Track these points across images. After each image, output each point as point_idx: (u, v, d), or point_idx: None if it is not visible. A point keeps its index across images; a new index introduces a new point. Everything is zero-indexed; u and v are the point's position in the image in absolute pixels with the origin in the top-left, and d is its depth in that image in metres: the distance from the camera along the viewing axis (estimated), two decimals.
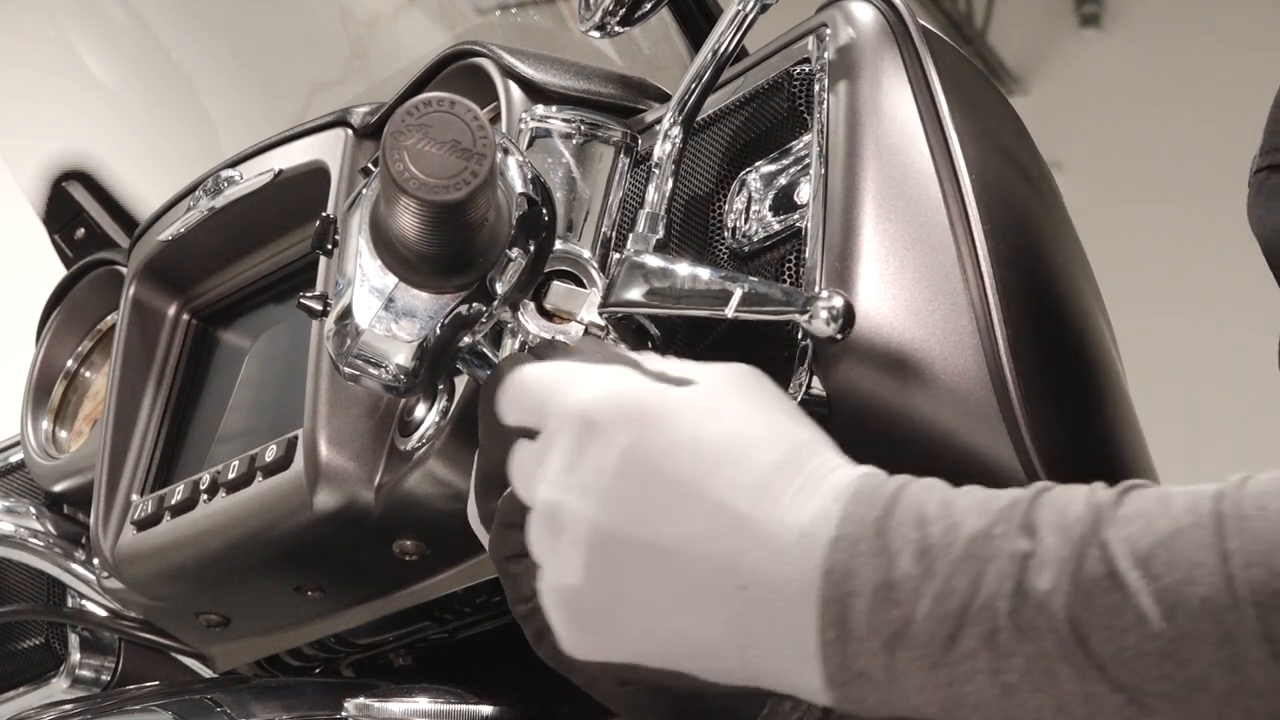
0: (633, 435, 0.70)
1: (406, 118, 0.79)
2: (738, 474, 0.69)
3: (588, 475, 0.70)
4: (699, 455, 0.70)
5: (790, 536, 0.67)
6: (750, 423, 0.71)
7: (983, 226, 0.93)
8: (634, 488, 0.70)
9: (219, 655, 1.28)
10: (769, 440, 0.71)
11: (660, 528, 0.69)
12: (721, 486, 0.69)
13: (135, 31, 1.67)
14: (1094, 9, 6.60)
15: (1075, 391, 1.00)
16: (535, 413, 0.75)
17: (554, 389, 0.74)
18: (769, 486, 0.69)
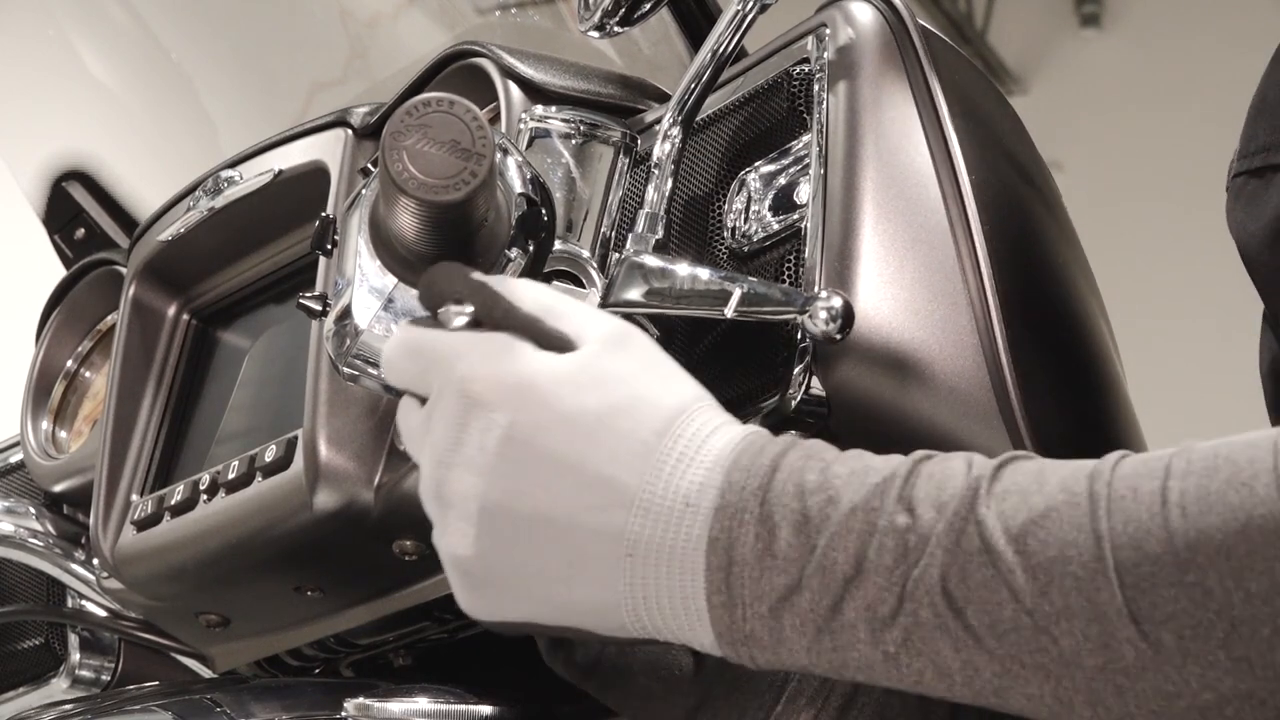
0: (514, 412, 0.72)
1: (406, 118, 0.79)
2: (619, 445, 0.71)
3: (472, 452, 0.72)
4: (580, 429, 0.71)
5: (675, 505, 0.70)
6: (630, 390, 0.73)
7: (983, 227, 0.93)
8: (518, 464, 0.72)
9: (219, 655, 1.28)
10: (649, 407, 0.72)
11: (546, 502, 0.71)
12: (604, 459, 0.71)
13: (135, 31, 1.67)
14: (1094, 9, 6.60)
15: (1074, 391, 1.00)
16: (420, 380, 0.77)
17: (438, 360, 0.75)
18: (650, 455, 0.71)
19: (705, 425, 0.72)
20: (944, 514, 0.66)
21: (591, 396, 0.72)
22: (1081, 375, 1.01)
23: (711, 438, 0.72)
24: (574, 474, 0.71)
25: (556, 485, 0.71)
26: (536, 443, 0.72)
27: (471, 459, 0.72)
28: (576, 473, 0.71)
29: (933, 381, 0.89)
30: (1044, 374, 0.95)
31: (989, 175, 0.95)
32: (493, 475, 0.72)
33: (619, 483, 0.71)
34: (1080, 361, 1.01)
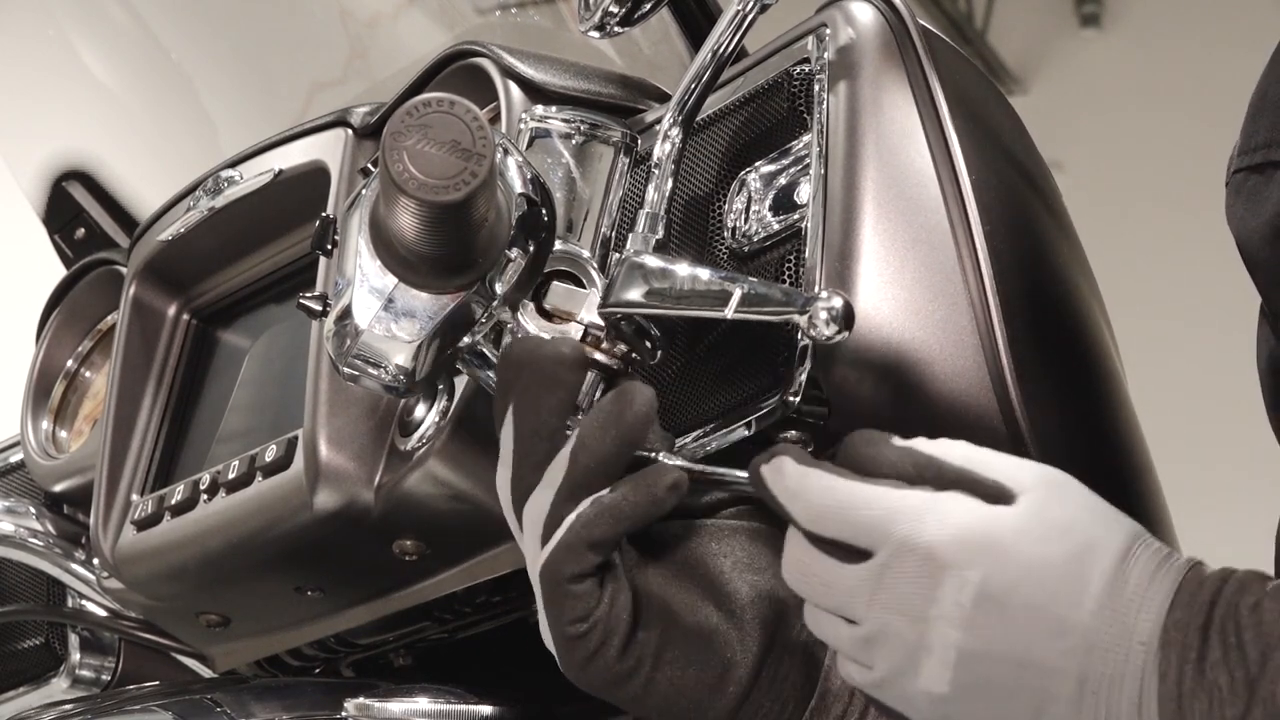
0: (984, 569, 0.77)
1: (406, 118, 0.79)
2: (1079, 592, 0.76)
3: (948, 608, 0.77)
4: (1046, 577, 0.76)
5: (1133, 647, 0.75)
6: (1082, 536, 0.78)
7: (983, 226, 0.93)
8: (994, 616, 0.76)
9: (219, 655, 1.28)
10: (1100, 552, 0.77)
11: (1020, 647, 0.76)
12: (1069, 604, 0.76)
13: (135, 31, 1.67)
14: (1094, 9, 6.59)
15: (1075, 391, 1.00)
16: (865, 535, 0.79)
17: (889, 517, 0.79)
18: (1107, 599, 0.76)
19: (1150, 561, 0.77)
20: None
21: (1051, 546, 0.77)
22: (1081, 375, 1.01)
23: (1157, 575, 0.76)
24: (1046, 620, 0.76)
25: (1029, 632, 0.76)
26: (1009, 594, 0.76)
27: (949, 615, 0.77)
28: (1048, 619, 0.76)
29: (933, 381, 0.89)
30: (1044, 374, 0.95)
31: (989, 175, 0.95)
32: (970, 628, 0.76)
33: (1085, 626, 0.76)
34: (1080, 361, 1.01)
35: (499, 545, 1.07)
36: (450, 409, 1.05)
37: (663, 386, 0.97)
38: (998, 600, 0.76)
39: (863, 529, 0.79)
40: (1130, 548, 0.78)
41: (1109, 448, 1.03)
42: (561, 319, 0.89)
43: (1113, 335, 1.08)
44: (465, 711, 1.04)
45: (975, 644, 0.77)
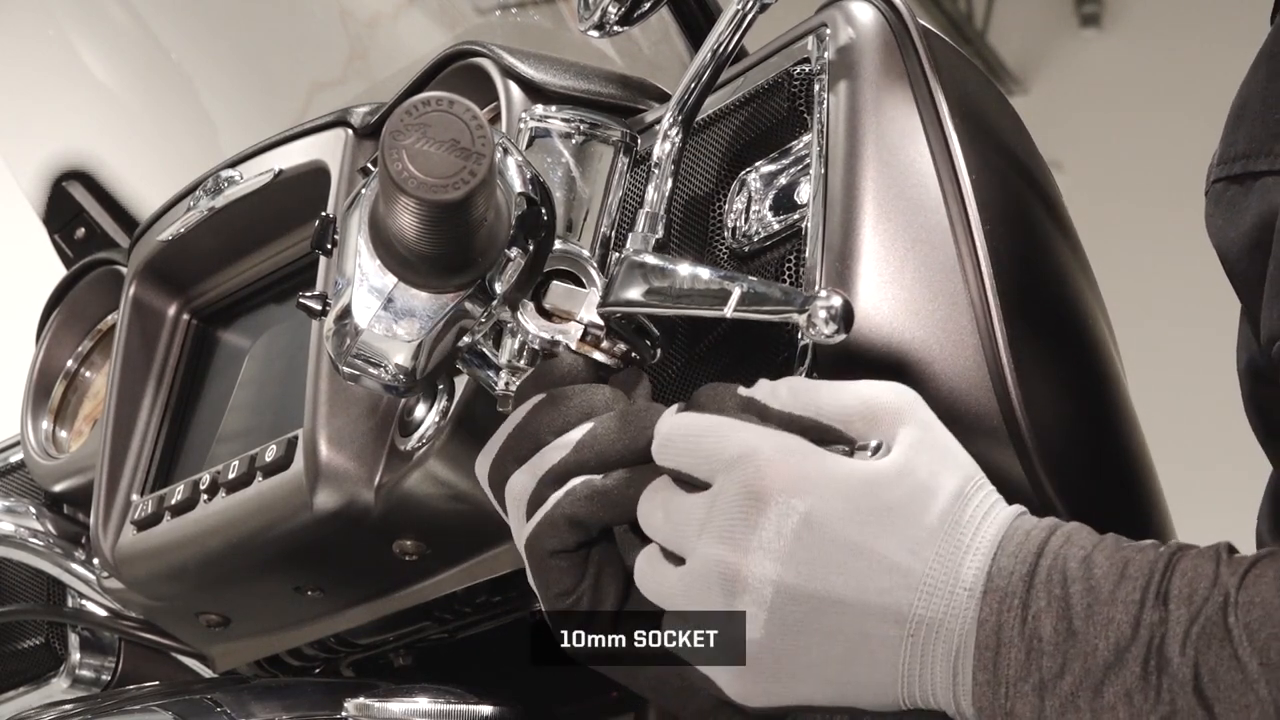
0: (810, 501, 0.76)
1: (405, 117, 0.79)
2: (906, 533, 0.75)
3: (768, 537, 0.76)
4: (870, 517, 0.76)
5: (957, 591, 0.74)
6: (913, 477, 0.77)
7: (983, 226, 0.92)
8: (813, 550, 0.75)
9: (219, 655, 1.28)
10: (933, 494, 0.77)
11: (838, 585, 0.75)
12: (892, 545, 0.75)
13: (135, 31, 1.67)
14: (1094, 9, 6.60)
15: (1075, 391, 1.00)
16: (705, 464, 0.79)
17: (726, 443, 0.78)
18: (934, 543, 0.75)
19: (979, 509, 0.77)
20: (1196, 617, 0.71)
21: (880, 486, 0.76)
22: (1082, 375, 1.01)
23: (985, 522, 0.76)
24: (866, 559, 0.75)
25: (849, 570, 0.75)
26: (832, 530, 0.75)
27: (769, 543, 0.76)
28: (868, 558, 0.75)
29: (933, 381, 0.89)
30: (1044, 374, 0.94)
31: (989, 175, 0.95)
32: (789, 560, 0.75)
33: (906, 567, 0.75)
34: (1080, 361, 1.01)
35: (499, 545, 1.07)
36: (450, 409, 1.05)
37: (663, 386, 0.97)
38: (820, 534, 0.75)
39: (702, 457, 0.79)
40: (964, 490, 0.77)
41: (1109, 448, 1.03)
42: (561, 318, 0.89)
43: (1113, 335, 1.08)
44: (465, 711, 1.04)
45: (792, 579, 0.75)
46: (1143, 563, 0.73)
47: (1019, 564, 0.74)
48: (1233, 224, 0.86)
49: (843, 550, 0.75)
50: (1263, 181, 0.84)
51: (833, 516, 0.75)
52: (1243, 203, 0.85)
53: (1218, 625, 0.70)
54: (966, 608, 0.74)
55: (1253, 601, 0.70)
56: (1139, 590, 0.72)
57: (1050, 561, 0.74)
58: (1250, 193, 0.85)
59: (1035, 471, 0.92)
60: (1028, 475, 0.92)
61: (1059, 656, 0.72)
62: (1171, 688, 0.70)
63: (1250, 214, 0.85)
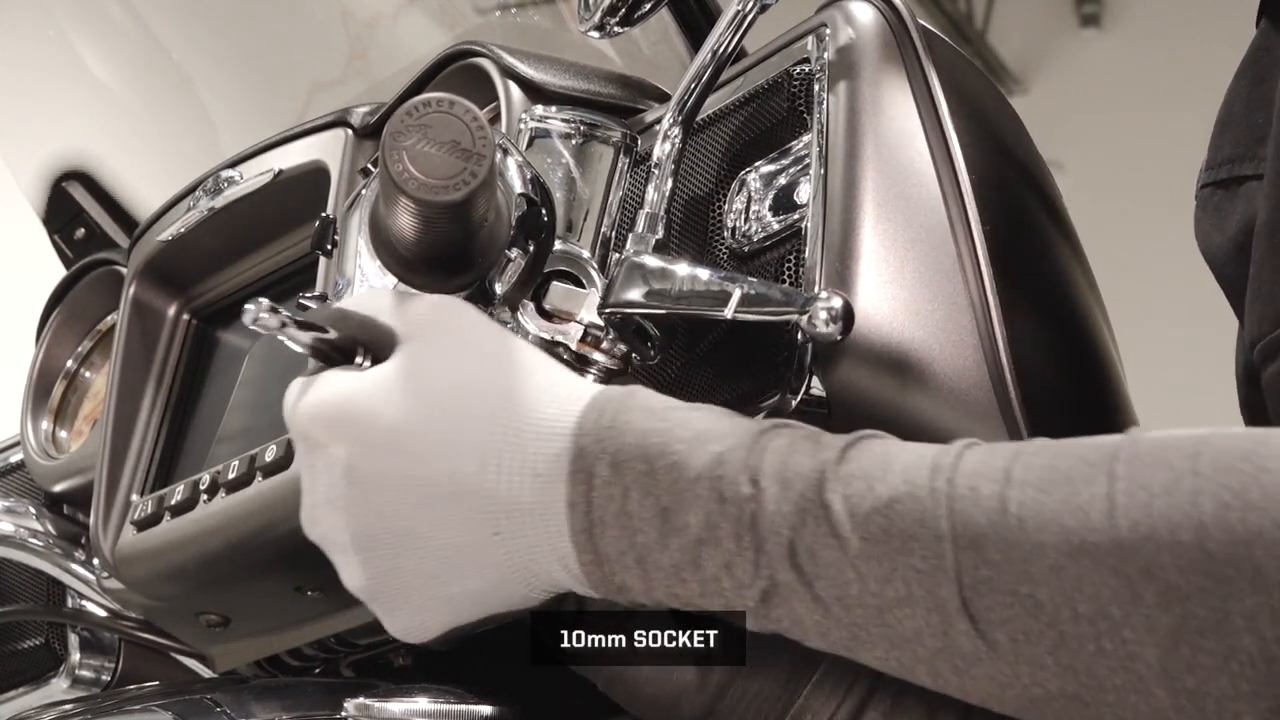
0: (347, 443, 0.76)
1: (406, 118, 0.79)
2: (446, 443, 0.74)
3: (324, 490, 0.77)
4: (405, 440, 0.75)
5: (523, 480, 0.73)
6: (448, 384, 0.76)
7: (983, 226, 0.93)
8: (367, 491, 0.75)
9: (219, 655, 1.28)
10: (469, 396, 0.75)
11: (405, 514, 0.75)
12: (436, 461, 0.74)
13: (135, 31, 1.67)
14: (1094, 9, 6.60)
15: (1075, 391, 1.00)
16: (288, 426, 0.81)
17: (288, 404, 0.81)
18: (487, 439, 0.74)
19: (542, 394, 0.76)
20: (790, 491, 0.70)
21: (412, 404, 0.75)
22: (1082, 375, 1.01)
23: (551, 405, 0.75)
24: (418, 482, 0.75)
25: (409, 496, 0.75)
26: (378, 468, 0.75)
27: (328, 499, 0.77)
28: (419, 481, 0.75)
29: (933, 381, 0.89)
30: (1044, 374, 0.95)
31: (989, 175, 0.95)
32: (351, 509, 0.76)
33: (464, 474, 0.74)
34: (1081, 361, 1.01)
35: None
36: None
37: (663, 386, 0.97)
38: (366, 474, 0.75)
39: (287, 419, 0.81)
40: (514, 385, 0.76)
41: None
42: (561, 319, 0.89)
43: (1113, 335, 1.08)
44: (465, 711, 1.03)
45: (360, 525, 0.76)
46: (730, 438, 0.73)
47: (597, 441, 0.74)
48: (1219, 229, 0.87)
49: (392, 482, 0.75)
50: (1247, 186, 0.85)
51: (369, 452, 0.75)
52: (1228, 208, 0.86)
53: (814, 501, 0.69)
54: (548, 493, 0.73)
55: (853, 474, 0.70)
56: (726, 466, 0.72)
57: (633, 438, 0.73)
58: (1236, 198, 0.85)
59: None
60: None
61: (652, 531, 0.72)
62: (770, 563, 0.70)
63: (1235, 219, 0.85)
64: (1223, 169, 0.87)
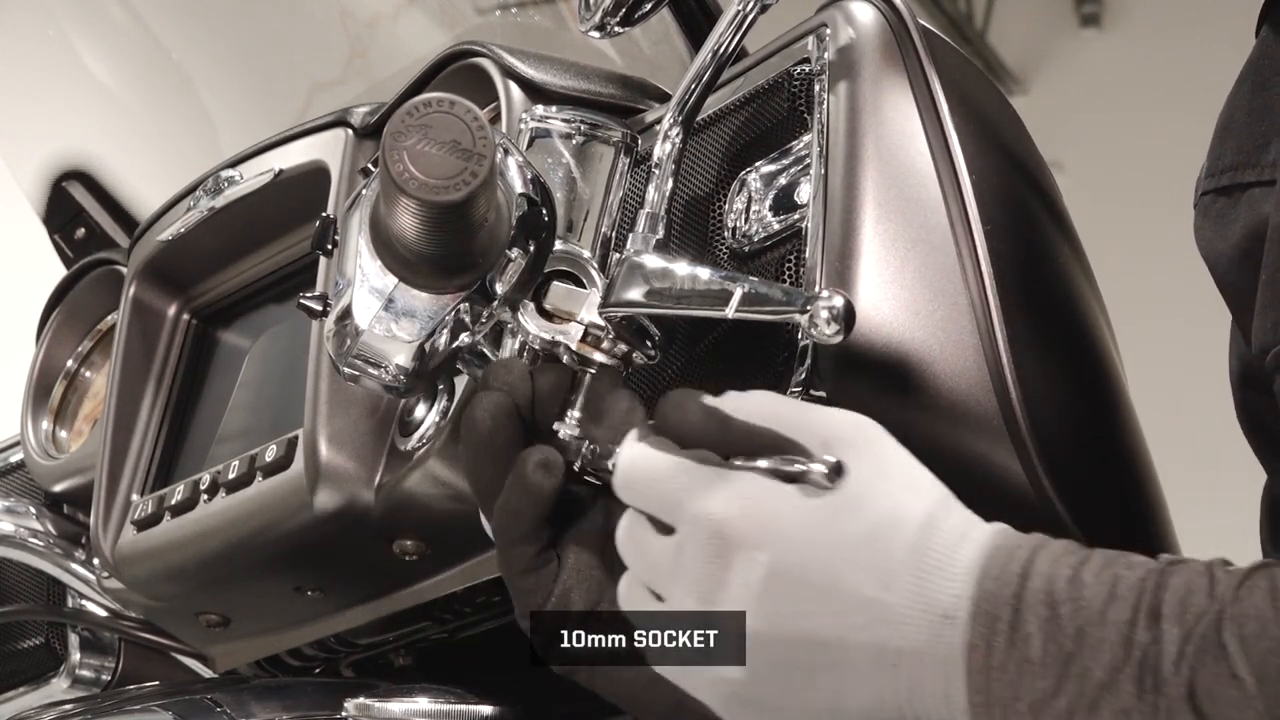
0: (772, 551, 0.76)
1: (406, 118, 0.79)
2: (875, 567, 0.75)
3: (735, 591, 0.76)
4: (836, 559, 0.75)
5: (933, 620, 0.74)
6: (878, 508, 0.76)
7: (983, 226, 0.93)
8: (781, 599, 0.75)
9: (219, 655, 1.28)
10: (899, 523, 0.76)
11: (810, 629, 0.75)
12: (861, 583, 0.75)
13: (135, 31, 1.67)
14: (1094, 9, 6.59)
15: (1075, 391, 1.00)
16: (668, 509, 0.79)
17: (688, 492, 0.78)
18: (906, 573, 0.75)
19: (953, 532, 0.76)
20: (1191, 634, 0.70)
21: (846, 521, 0.76)
22: (1082, 375, 1.01)
23: (961, 545, 0.75)
24: (836, 600, 0.75)
25: (821, 612, 0.75)
26: (798, 577, 0.75)
27: (737, 596, 0.76)
28: (838, 599, 0.75)
29: (933, 381, 0.89)
30: (1044, 374, 0.94)
31: (989, 175, 0.95)
32: (758, 610, 0.76)
33: (880, 602, 0.74)
34: (1081, 361, 1.01)
35: None
36: (450, 409, 1.05)
37: (663, 386, 0.97)
38: (788, 580, 0.75)
39: (665, 503, 0.79)
40: (933, 515, 0.76)
41: (1109, 448, 1.03)
42: (561, 319, 0.89)
43: (1113, 335, 1.08)
44: (465, 711, 1.03)
45: (765, 626, 0.75)
46: (1132, 580, 0.72)
47: (1003, 586, 0.73)
48: (1222, 236, 0.86)
49: (812, 593, 0.75)
50: (1250, 193, 0.85)
51: (797, 562, 0.75)
52: (1231, 214, 0.86)
53: (1212, 641, 0.69)
54: (949, 635, 0.73)
55: (1246, 615, 0.70)
56: (1129, 609, 0.71)
57: (1038, 583, 0.73)
58: (1238, 204, 0.85)
59: (1035, 471, 0.92)
60: (1027, 475, 0.92)
61: (1051, 677, 0.72)
62: (1169, 706, 0.69)
63: (1239, 225, 0.85)
64: (1224, 176, 0.87)
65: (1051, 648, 0.72)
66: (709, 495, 0.77)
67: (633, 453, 0.81)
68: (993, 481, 0.91)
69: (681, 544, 0.78)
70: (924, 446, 0.89)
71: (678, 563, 0.78)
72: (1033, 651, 0.72)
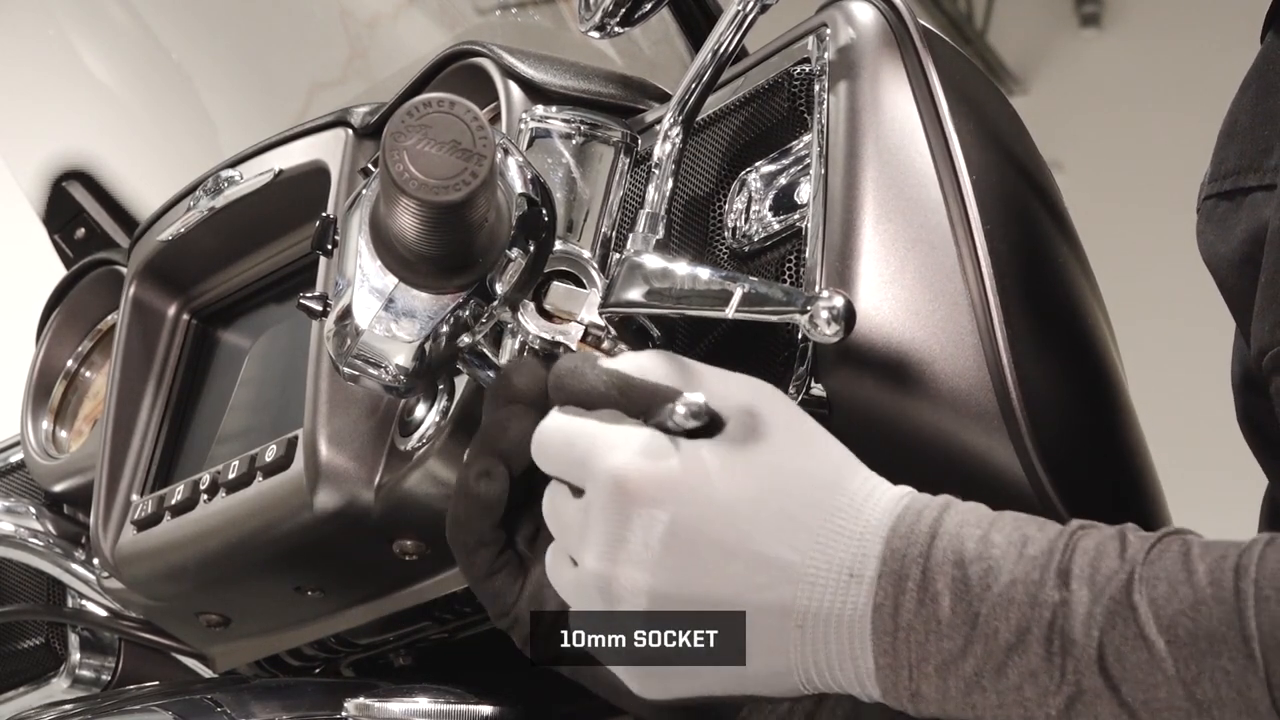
0: (673, 508, 0.75)
1: (406, 118, 0.79)
2: (777, 525, 0.74)
3: (637, 548, 0.75)
4: (737, 515, 0.74)
5: (839, 577, 0.73)
6: (779, 467, 0.76)
7: (983, 226, 0.93)
8: (683, 556, 0.75)
9: (219, 655, 1.28)
10: (802, 482, 0.75)
11: (715, 587, 0.74)
12: (764, 540, 0.74)
13: (135, 31, 1.67)
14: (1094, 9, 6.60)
15: (1075, 391, 1.00)
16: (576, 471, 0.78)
17: (591, 452, 0.78)
18: (810, 530, 0.74)
19: (859, 491, 0.75)
20: (1100, 595, 0.69)
21: (745, 481, 0.75)
22: (1082, 375, 1.01)
23: (866, 504, 0.75)
24: (739, 558, 0.74)
25: (723, 571, 0.74)
26: (699, 533, 0.74)
27: (638, 555, 0.75)
28: (742, 557, 0.74)
29: (933, 381, 0.89)
30: (1045, 374, 0.94)
31: (989, 175, 0.95)
32: (659, 569, 0.75)
33: (783, 561, 0.74)
34: (1081, 361, 1.01)
35: None
36: (450, 409, 1.05)
37: None
38: (688, 540, 0.74)
39: (573, 464, 0.78)
40: (839, 473, 0.76)
41: (1109, 447, 1.03)
42: (561, 319, 0.89)
43: (1113, 335, 1.08)
44: (465, 711, 1.03)
45: (665, 586, 0.75)
46: (1043, 541, 0.72)
47: (912, 545, 0.73)
48: (1224, 240, 0.87)
49: (713, 551, 0.74)
50: (1252, 197, 0.85)
51: (697, 518, 0.75)
52: (1233, 218, 0.86)
53: (1122, 603, 0.69)
54: (855, 593, 0.73)
55: (1157, 577, 0.69)
56: (1038, 569, 0.71)
57: (946, 542, 0.72)
58: (1240, 208, 0.85)
59: (1035, 471, 0.92)
60: (1027, 474, 0.92)
61: (959, 638, 0.71)
62: (1077, 668, 0.69)
63: (1240, 229, 0.85)
64: (1227, 180, 0.87)
65: (960, 607, 0.71)
66: (610, 452, 0.77)
67: (546, 421, 0.81)
68: (992, 480, 0.91)
69: (589, 505, 0.77)
70: (924, 445, 0.90)
71: (586, 524, 0.77)
72: (941, 611, 0.71)
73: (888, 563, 0.73)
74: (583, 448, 0.78)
